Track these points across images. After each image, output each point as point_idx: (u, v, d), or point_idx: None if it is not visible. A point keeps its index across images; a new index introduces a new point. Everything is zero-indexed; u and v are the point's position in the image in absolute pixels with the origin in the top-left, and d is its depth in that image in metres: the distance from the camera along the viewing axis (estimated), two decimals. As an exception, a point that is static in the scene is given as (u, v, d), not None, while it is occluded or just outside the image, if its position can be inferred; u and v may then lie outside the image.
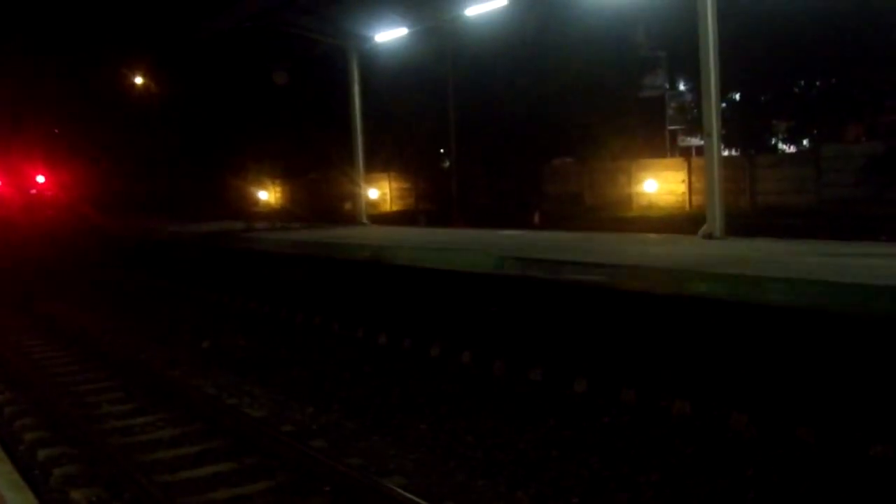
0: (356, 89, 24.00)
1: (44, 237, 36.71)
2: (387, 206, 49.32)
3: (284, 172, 56.87)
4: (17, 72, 53.81)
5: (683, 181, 37.36)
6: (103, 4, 51.23)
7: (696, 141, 41.46)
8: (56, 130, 61.89)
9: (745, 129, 37.39)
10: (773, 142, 40.92)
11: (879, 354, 8.70)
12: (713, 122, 14.92)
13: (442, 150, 47.04)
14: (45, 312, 19.25)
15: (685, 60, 34.81)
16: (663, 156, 42.17)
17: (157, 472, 8.70)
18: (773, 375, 9.54)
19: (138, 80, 53.05)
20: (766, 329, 9.62)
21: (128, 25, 49.97)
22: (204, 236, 24.54)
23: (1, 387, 12.29)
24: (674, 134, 45.04)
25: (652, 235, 19.12)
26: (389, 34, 22.62)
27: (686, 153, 42.73)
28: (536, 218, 34.89)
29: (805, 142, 39.48)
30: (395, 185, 50.58)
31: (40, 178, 59.47)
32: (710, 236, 14.66)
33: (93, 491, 8.24)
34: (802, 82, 37.67)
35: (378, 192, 49.28)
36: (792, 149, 40.10)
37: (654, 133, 44.05)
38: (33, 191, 57.89)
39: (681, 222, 25.81)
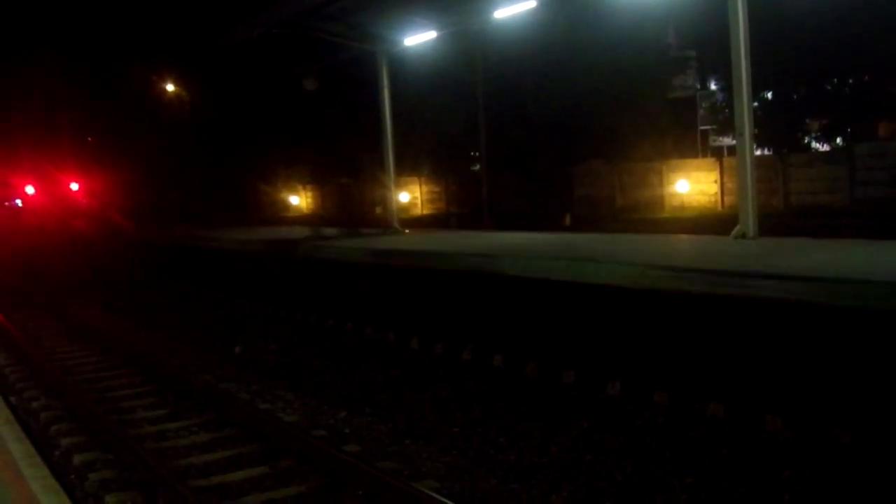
0: (386, 93, 24.03)
1: (78, 244, 37.03)
2: (418, 210, 49.37)
3: (314, 177, 57.14)
4: (51, 81, 54.40)
5: (715, 181, 37.17)
6: (134, 13, 51.69)
7: (728, 141, 41.19)
8: (89, 138, 62.50)
9: (777, 128, 37.12)
10: (805, 140, 40.60)
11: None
12: (745, 121, 14.82)
13: (473, 154, 47.06)
14: (79, 319, 19.38)
15: (716, 60, 34.71)
16: (695, 156, 41.95)
17: (191, 476, 8.74)
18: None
19: (169, 88, 53.45)
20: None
21: (158, 33, 50.39)
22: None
23: (36, 392, 12.39)
24: (705, 134, 44.77)
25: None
26: (418, 38, 22.61)
27: (718, 153, 42.47)
28: (567, 220, 34.81)
29: (838, 140, 39.13)
30: (425, 188, 50.63)
31: (74, 186, 60.05)
32: (743, 237, 14.55)
33: (128, 495, 8.27)
34: (835, 80, 37.36)
35: (409, 196, 49.35)
36: (825, 147, 39.75)
37: (686, 133, 43.83)
38: (67, 198, 58.45)
39: (713, 223, 25.64)
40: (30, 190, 62.41)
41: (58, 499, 7.28)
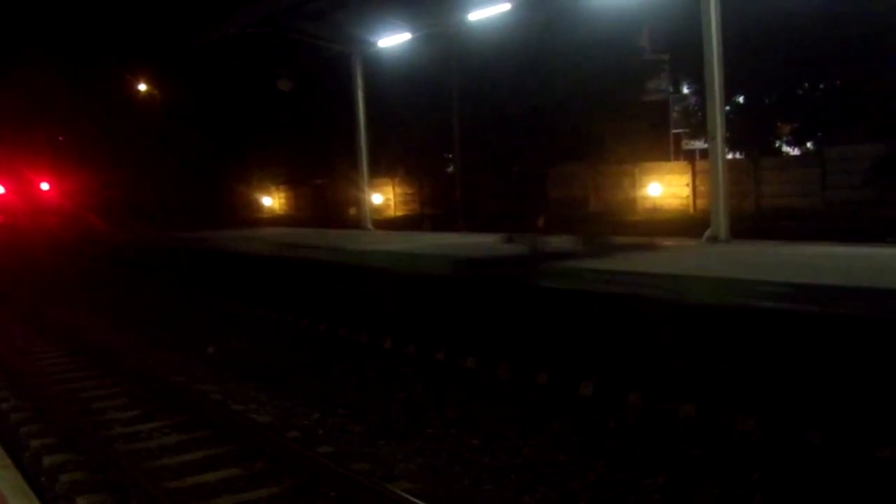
0: (360, 95, 24.03)
1: (50, 244, 36.74)
2: (391, 212, 49.38)
3: (288, 178, 57.04)
4: (22, 79, 53.95)
5: (688, 184, 37.39)
6: (107, 11, 51.35)
7: (700, 144, 41.42)
8: (60, 138, 62.04)
9: (749, 132, 37.35)
10: (777, 144, 40.88)
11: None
12: (717, 124, 14.91)
13: (447, 155, 47.10)
14: (50, 318, 19.25)
15: (689, 63, 34.86)
16: (667, 159, 42.16)
17: (164, 477, 8.70)
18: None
19: (142, 87, 53.18)
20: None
21: (131, 32, 50.10)
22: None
23: (6, 393, 12.29)
24: (678, 137, 45.01)
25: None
26: (393, 39, 22.64)
27: (690, 156, 42.69)
28: (541, 222, 34.83)
29: (810, 144, 39.43)
30: (399, 190, 50.65)
31: (44, 186, 59.60)
32: (715, 239, 14.63)
33: (99, 497, 8.23)
34: (806, 84, 37.65)
35: (382, 198, 49.35)
36: (796, 151, 40.06)
37: (659, 137, 44.00)
38: (38, 197, 57.97)
39: (685, 225, 25.78)
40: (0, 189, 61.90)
41: (27, 501, 7.24)
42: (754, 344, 9.79)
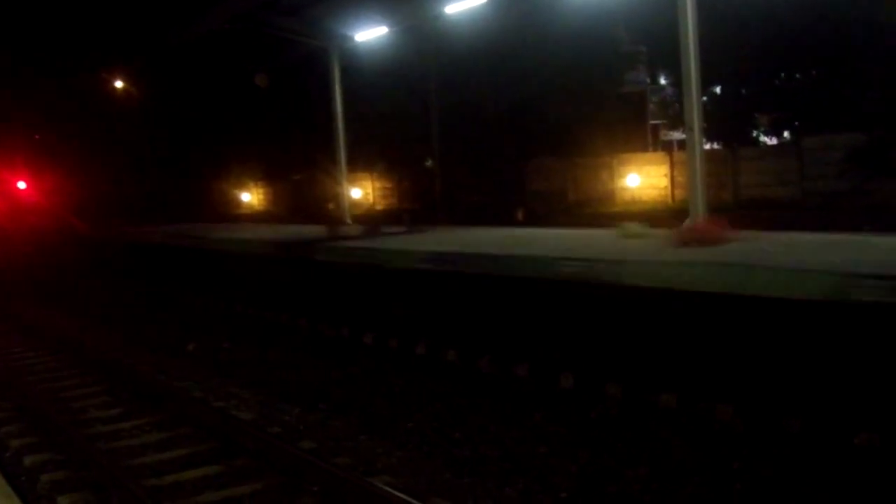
0: (337, 89, 23.97)
1: (28, 243, 36.52)
2: (371, 206, 49.30)
3: (267, 174, 56.82)
4: (-4, 77, 53.53)
5: (666, 175, 37.48)
6: (83, 9, 51.00)
7: (678, 135, 41.61)
8: (37, 136, 61.58)
9: (727, 123, 37.51)
10: (755, 135, 41.07)
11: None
12: (695, 116, 14.94)
13: (426, 149, 47.08)
14: (29, 318, 19.18)
15: (666, 55, 34.94)
16: (646, 150, 42.27)
17: (146, 475, 8.68)
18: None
19: (119, 84, 52.84)
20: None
21: (108, 29, 49.75)
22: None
23: (-14, 394, 12.25)
24: (656, 128, 45.17)
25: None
26: (370, 33, 22.60)
27: (668, 147, 42.84)
28: (520, 215, 34.91)
29: (787, 134, 39.63)
30: (378, 184, 50.58)
31: (21, 185, 59.15)
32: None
33: (81, 496, 8.21)
34: (783, 75, 37.83)
35: (361, 192, 49.26)
36: (774, 141, 40.24)
37: (637, 128, 44.15)
38: (14, 196, 57.52)
39: (664, 216, 25.86)
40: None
41: (9, 501, 7.21)
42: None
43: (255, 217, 48.64)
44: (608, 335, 11.58)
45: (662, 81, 44.34)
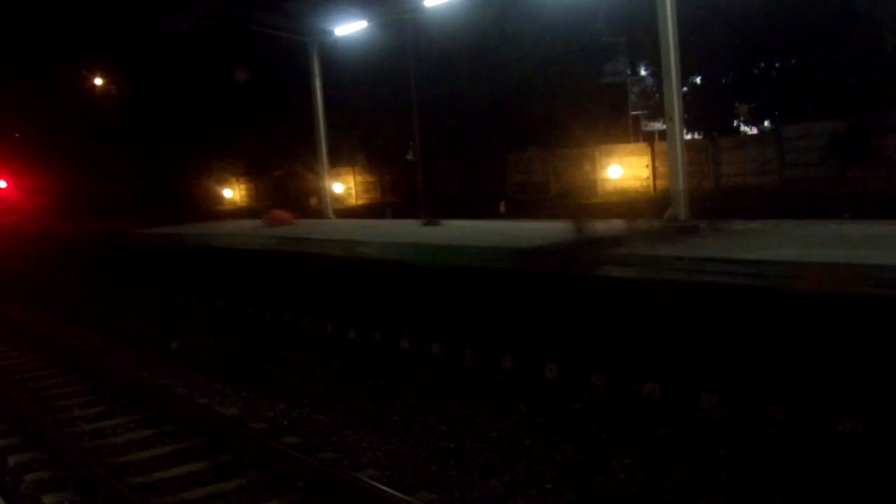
0: (318, 84, 23.98)
1: (9, 242, 36.34)
2: (353, 200, 49.31)
3: (249, 170, 56.73)
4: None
5: (647, 166, 37.60)
6: (61, 6, 50.77)
7: (659, 125, 41.62)
8: (17, 135, 61.27)
9: (707, 112, 37.61)
10: (735, 124, 41.21)
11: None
12: (675, 106, 15.01)
13: (408, 143, 47.06)
14: (9, 317, 19.09)
15: (645, 45, 35.00)
16: (627, 141, 42.34)
17: (130, 473, 8.66)
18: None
19: (98, 82, 52.63)
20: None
21: (86, 26, 49.53)
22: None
23: (-32, 394, 12.18)
24: (637, 119, 45.19)
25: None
26: (349, 27, 22.59)
27: (649, 138, 42.90)
28: (502, 207, 34.96)
29: (767, 123, 39.77)
30: (360, 178, 50.57)
31: (1, 184, 58.87)
32: (675, 220, 14.73)
33: (65, 495, 8.18)
34: (762, 63, 37.94)
35: (343, 187, 49.28)
36: (754, 130, 40.39)
37: (617, 119, 44.16)
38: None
39: (646, 206, 25.92)
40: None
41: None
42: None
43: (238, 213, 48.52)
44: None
45: (643, 72, 44.34)
